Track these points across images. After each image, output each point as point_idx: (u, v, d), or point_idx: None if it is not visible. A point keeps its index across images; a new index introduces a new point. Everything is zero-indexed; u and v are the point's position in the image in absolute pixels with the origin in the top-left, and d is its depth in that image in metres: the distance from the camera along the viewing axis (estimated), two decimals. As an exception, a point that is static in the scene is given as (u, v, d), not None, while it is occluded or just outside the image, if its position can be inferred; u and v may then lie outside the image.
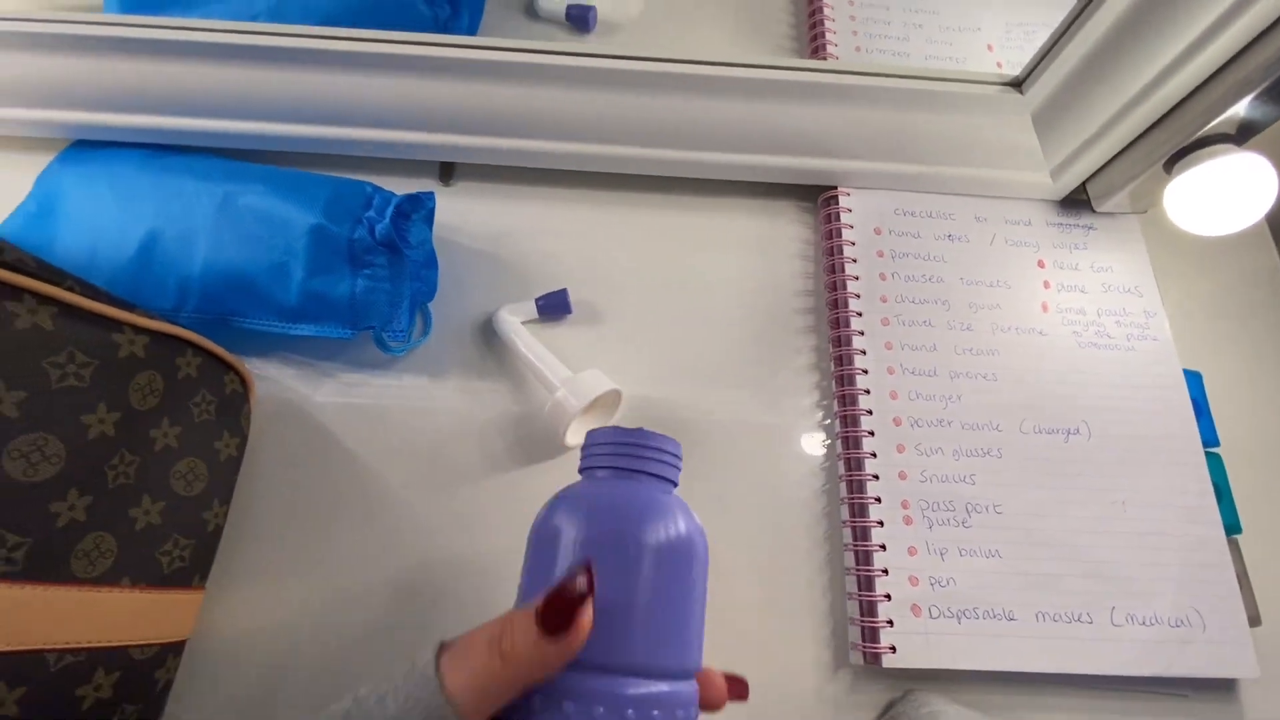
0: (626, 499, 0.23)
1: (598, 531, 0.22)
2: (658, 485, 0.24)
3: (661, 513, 0.23)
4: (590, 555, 0.21)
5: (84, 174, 0.40)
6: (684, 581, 0.22)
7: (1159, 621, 0.35)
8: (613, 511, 0.23)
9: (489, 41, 0.44)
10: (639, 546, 0.22)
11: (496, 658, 0.19)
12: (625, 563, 0.21)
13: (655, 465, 0.24)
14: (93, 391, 0.27)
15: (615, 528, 0.22)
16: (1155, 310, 0.43)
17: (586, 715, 0.19)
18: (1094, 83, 0.40)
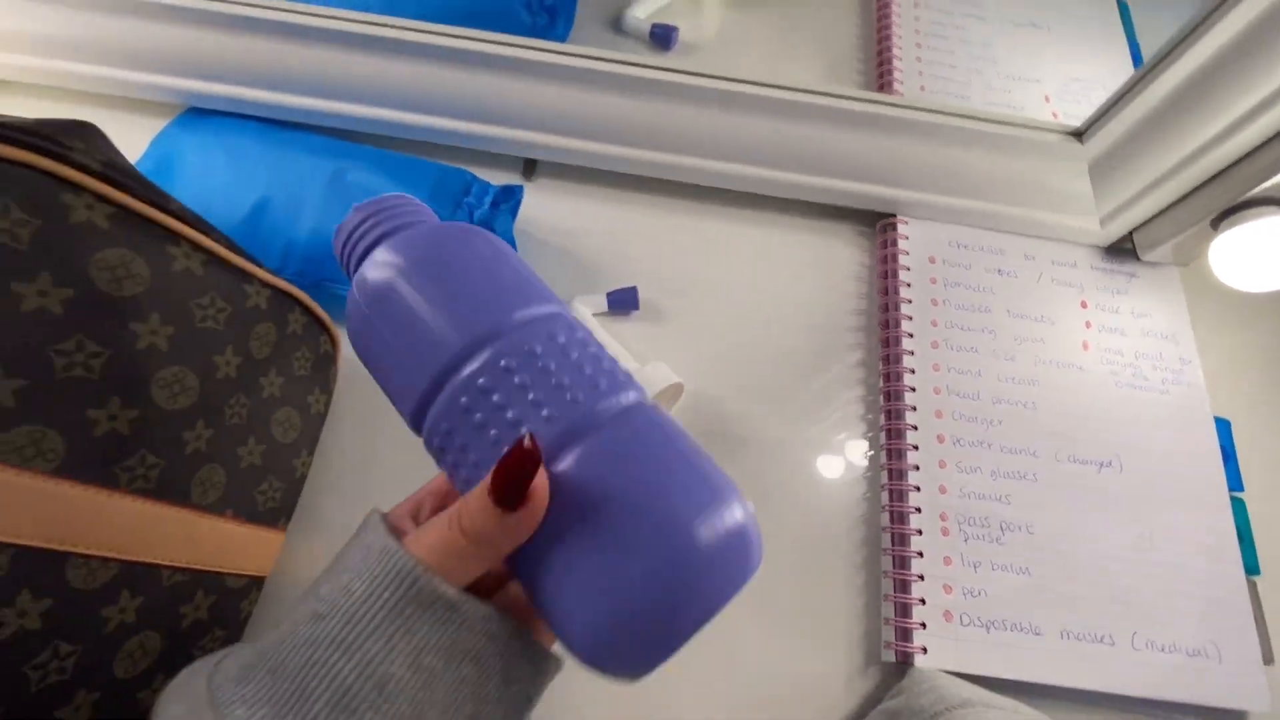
0: (404, 249, 0.22)
1: (402, 278, 0.21)
2: (416, 227, 0.23)
3: (430, 233, 0.23)
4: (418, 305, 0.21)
5: (201, 139, 0.43)
6: (467, 262, 0.22)
7: (1177, 650, 0.37)
8: (405, 253, 0.22)
9: (580, 50, 0.47)
10: (433, 261, 0.22)
11: (459, 534, 0.19)
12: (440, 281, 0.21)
13: (396, 218, 0.23)
14: (225, 335, 0.30)
15: (412, 260, 0.22)
16: (1190, 358, 0.45)
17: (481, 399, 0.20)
18: (1151, 139, 0.42)
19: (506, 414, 0.19)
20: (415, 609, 0.19)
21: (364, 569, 0.19)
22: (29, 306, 0.23)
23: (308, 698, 0.18)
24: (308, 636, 0.19)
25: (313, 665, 0.18)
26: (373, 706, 0.18)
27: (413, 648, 0.18)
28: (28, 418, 0.23)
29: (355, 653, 0.18)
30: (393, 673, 0.18)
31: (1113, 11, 0.59)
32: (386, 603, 0.18)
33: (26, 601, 0.23)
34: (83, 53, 0.45)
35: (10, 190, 0.23)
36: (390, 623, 0.18)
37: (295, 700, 0.18)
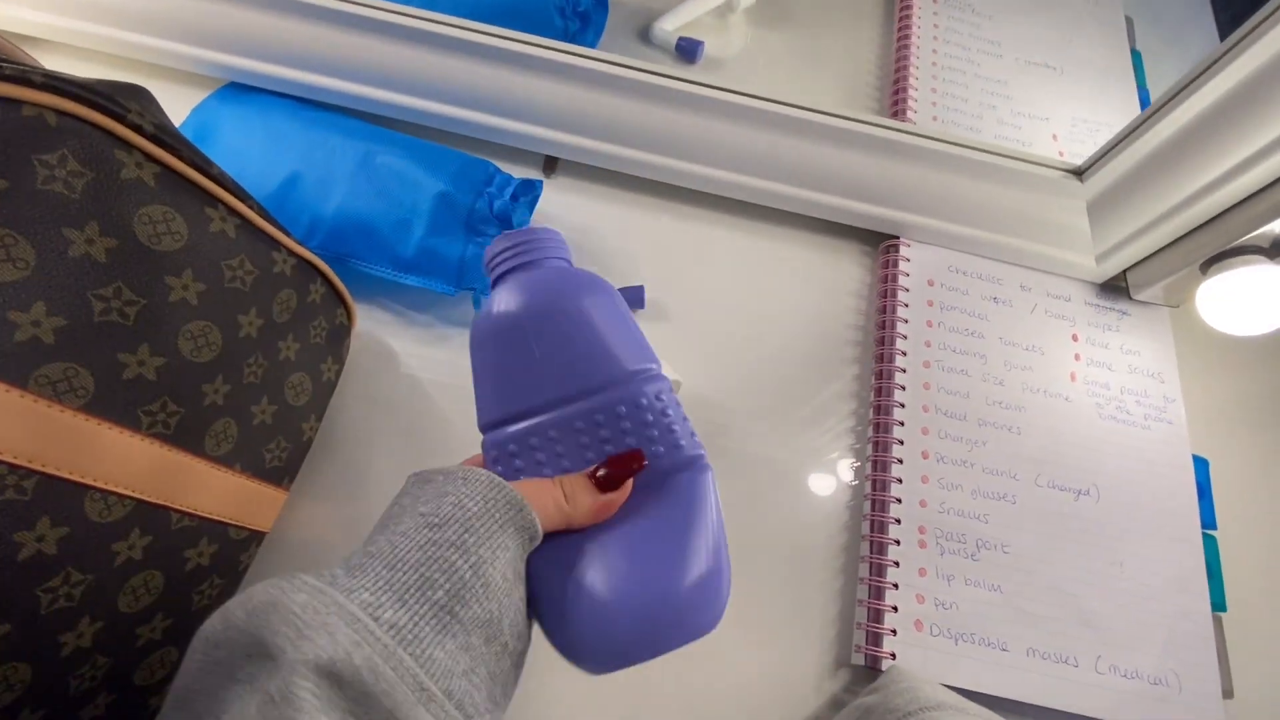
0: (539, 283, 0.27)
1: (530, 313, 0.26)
2: (553, 265, 0.28)
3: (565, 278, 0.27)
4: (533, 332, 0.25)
5: (239, 113, 0.45)
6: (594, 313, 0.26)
7: (1139, 676, 0.38)
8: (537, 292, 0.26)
9: (608, 56, 0.49)
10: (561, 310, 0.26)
11: (564, 516, 0.24)
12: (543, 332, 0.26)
13: (546, 249, 0.28)
14: (250, 297, 0.32)
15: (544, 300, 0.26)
16: (1174, 397, 0.46)
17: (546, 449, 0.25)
18: (1149, 183, 0.44)
19: (606, 446, 0.25)
20: (515, 530, 0.23)
21: (476, 493, 0.23)
22: (76, 252, 0.25)
23: (431, 586, 0.21)
24: (427, 539, 0.22)
25: (434, 561, 0.21)
26: (478, 600, 0.21)
27: (507, 561, 0.22)
28: (64, 354, 0.24)
29: (471, 554, 0.22)
30: (494, 576, 0.22)
31: (1125, 58, 0.60)
32: (497, 519, 0.23)
33: (45, 527, 0.25)
34: (134, 22, 0.47)
35: (69, 143, 0.24)
36: (498, 535, 0.22)
37: (418, 588, 0.21)
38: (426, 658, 0.20)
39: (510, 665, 0.23)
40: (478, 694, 0.21)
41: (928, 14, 0.60)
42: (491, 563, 0.22)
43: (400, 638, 0.20)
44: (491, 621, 0.22)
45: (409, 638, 0.20)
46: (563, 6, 0.50)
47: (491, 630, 0.22)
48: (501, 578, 0.22)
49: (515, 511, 0.23)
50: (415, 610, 0.20)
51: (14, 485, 0.23)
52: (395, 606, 0.20)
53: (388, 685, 0.19)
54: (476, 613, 0.21)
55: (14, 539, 0.24)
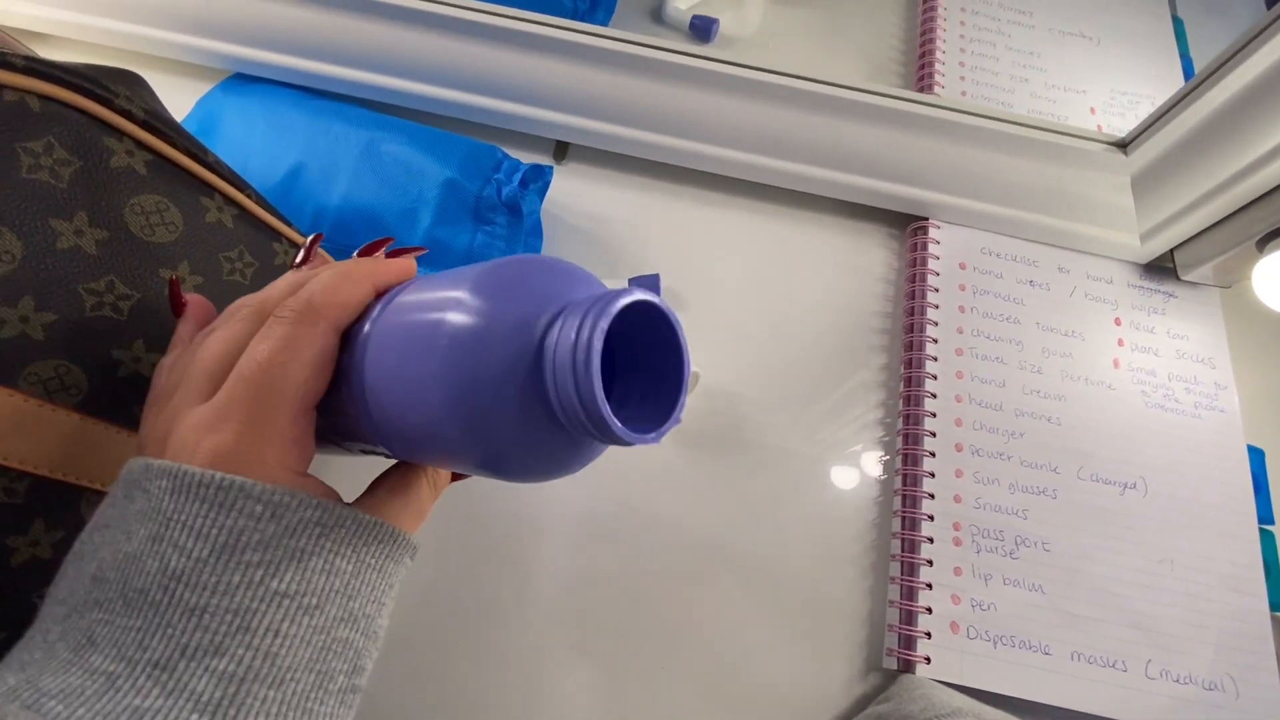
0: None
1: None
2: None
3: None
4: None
5: (242, 104, 0.44)
6: None
7: (1193, 681, 0.36)
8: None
9: (619, 34, 0.47)
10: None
11: (435, 492, 0.22)
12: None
13: None
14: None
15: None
16: (1227, 384, 0.43)
17: None
18: (1198, 154, 0.41)
19: None
20: (393, 565, 0.20)
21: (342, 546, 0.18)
22: (64, 244, 0.24)
23: (330, 678, 0.17)
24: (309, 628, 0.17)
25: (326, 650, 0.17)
26: (371, 658, 0.19)
27: (391, 599, 0.20)
28: (55, 352, 0.23)
29: (360, 621, 0.18)
30: (381, 625, 0.19)
31: (1166, 26, 0.57)
32: (374, 566, 0.19)
33: (40, 531, 0.24)
34: (135, 13, 0.46)
35: (55, 130, 0.23)
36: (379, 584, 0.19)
37: (317, 688, 0.17)
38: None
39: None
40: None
41: (955, -16, 0.57)
42: (379, 614, 0.19)
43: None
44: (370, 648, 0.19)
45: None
46: (572, -15, 0.49)
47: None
48: (388, 615, 0.19)
49: (389, 545, 0.19)
50: (320, 714, 0.17)
51: (5, 488, 0.23)
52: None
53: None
54: (369, 668, 0.19)
55: (7, 543, 0.23)
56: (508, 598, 0.37)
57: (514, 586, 0.37)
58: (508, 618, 0.36)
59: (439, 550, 0.37)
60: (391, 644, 0.31)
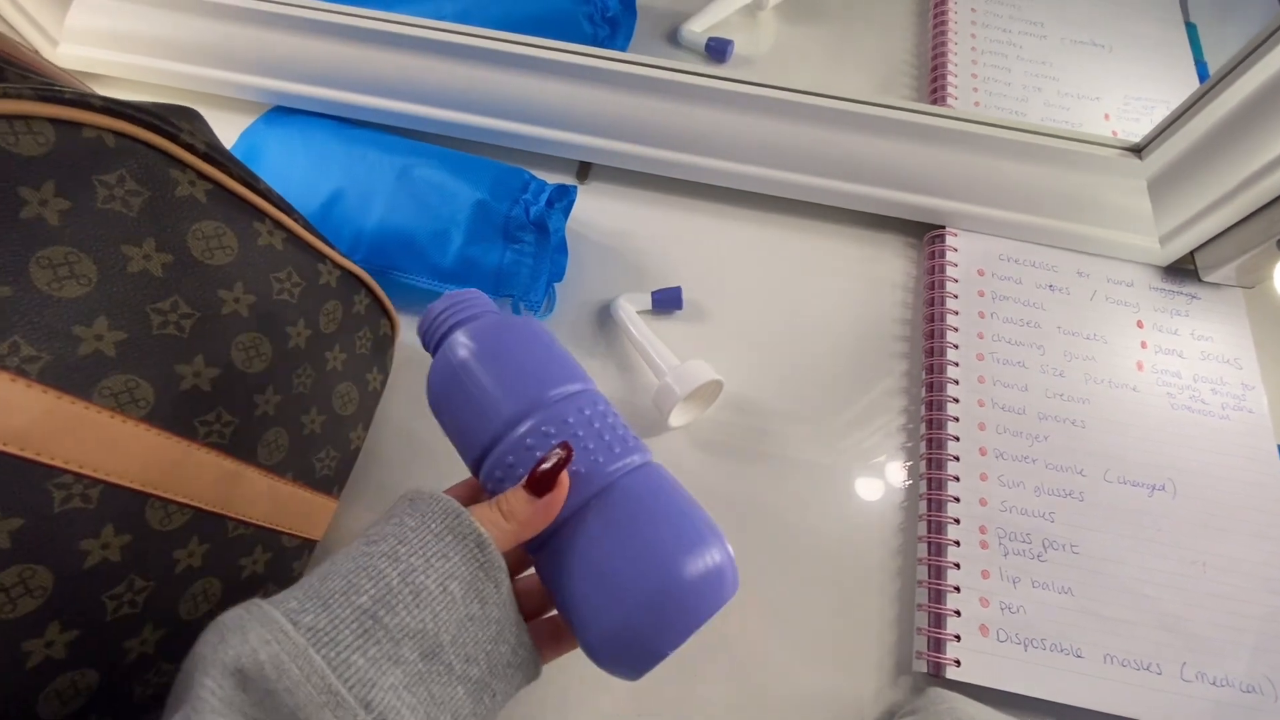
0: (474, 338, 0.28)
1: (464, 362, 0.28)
2: (483, 318, 0.30)
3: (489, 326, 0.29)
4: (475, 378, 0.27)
5: (283, 134, 0.47)
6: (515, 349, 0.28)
7: (1229, 684, 0.35)
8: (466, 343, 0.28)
9: (637, 58, 0.49)
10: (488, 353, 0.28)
11: (497, 511, 0.24)
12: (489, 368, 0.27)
13: (467, 310, 0.30)
14: (298, 308, 0.32)
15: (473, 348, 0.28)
16: (1254, 384, 0.43)
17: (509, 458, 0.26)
18: (1214, 156, 0.41)
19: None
20: (453, 539, 0.23)
21: (414, 509, 0.23)
22: (134, 268, 0.25)
23: (355, 591, 0.21)
24: (360, 552, 0.22)
25: (362, 570, 0.21)
26: (405, 608, 0.21)
27: (444, 571, 0.22)
28: (125, 367, 0.25)
29: (401, 563, 0.21)
30: (426, 585, 0.21)
31: (1179, 32, 0.58)
32: (432, 529, 0.23)
33: (110, 535, 0.25)
34: (183, 53, 0.49)
35: (127, 163, 0.25)
36: (432, 545, 0.22)
37: (343, 593, 0.21)
38: (342, 661, 0.19)
39: (465, 695, 0.22)
40: (410, 713, 0.20)
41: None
42: (424, 570, 0.22)
43: (315, 640, 0.19)
44: (424, 634, 0.21)
45: (325, 640, 0.19)
46: (591, 14, 0.51)
47: (427, 645, 0.21)
48: (438, 587, 0.22)
49: (452, 519, 0.23)
50: (336, 614, 0.20)
51: (80, 494, 0.24)
52: (316, 610, 0.20)
53: (290, 683, 0.18)
54: (405, 621, 0.21)
55: (80, 547, 0.24)
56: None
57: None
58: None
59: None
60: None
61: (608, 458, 0.26)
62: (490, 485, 0.27)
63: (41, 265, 0.23)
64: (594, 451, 0.25)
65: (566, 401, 0.27)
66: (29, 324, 0.22)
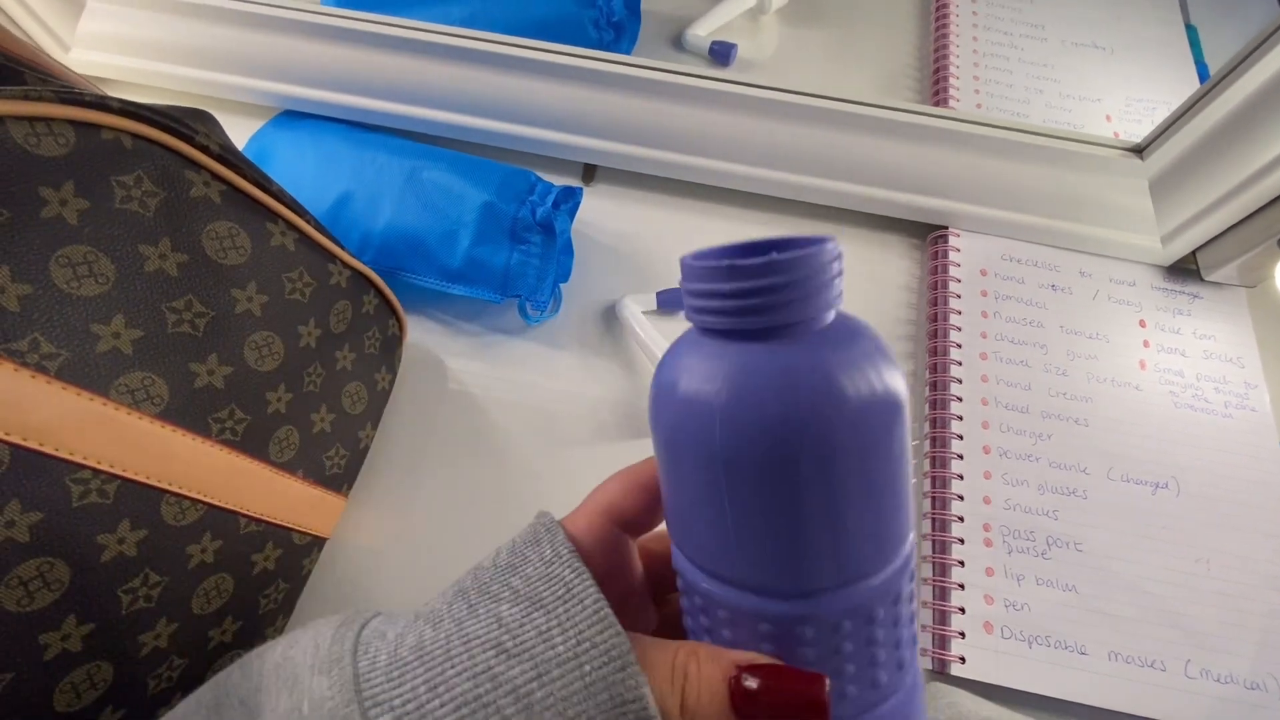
0: (782, 384, 0.16)
1: (755, 446, 0.15)
2: (818, 336, 0.16)
3: (834, 391, 0.15)
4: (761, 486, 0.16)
5: (293, 138, 0.47)
6: (875, 462, 0.16)
7: (1234, 681, 0.36)
8: (769, 411, 0.15)
9: (642, 61, 0.49)
10: (817, 456, 0.15)
11: (678, 707, 0.17)
12: (790, 478, 0.15)
13: (806, 303, 0.16)
14: (309, 308, 0.33)
15: (780, 436, 0.15)
16: (1257, 383, 0.43)
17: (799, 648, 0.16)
18: (1215, 156, 0.42)
19: (806, 653, 0.17)
20: (609, 700, 0.16)
21: (568, 621, 0.17)
22: (151, 268, 0.26)
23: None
24: (486, 668, 0.16)
25: (483, 706, 0.16)
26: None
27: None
28: (142, 364, 0.26)
29: (533, 713, 0.16)
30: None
31: (1180, 33, 0.58)
32: (585, 676, 0.16)
33: (126, 530, 0.26)
34: (194, 59, 0.50)
35: (144, 164, 0.26)
36: (579, 701, 0.16)
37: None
38: None
39: None
40: None
41: (965, 1, 0.59)
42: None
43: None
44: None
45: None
46: (596, 18, 0.51)
47: None
48: None
49: (616, 668, 0.16)
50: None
51: (98, 489, 0.25)
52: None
53: None
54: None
55: (98, 541, 0.25)
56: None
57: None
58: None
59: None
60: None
61: (891, 680, 0.17)
62: (697, 605, 0.18)
63: (61, 264, 0.23)
64: (885, 665, 0.17)
65: (894, 580, 0.17)
66: (48, 321, 0.23)
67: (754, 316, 0.16)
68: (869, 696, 0.17)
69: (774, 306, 0.16)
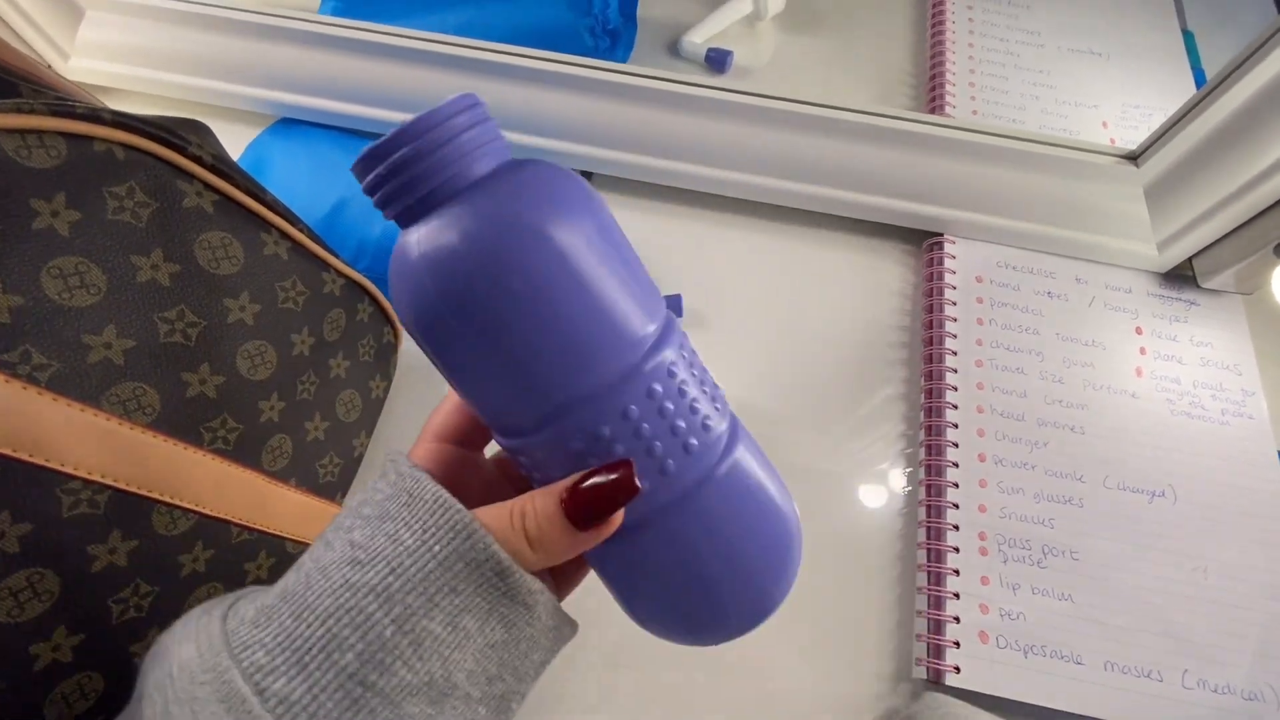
0: (443, 251, 0.17)
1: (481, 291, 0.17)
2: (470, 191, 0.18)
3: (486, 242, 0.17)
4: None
5: (289, 145, 0.47)
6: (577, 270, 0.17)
7: (1231, 691, 0.35)
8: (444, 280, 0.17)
9: (638, 69, 0.49)
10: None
11: (525, 543, 0.18)
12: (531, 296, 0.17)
13: (437, 170, 0.17)
14: (302, 316, 0.33)
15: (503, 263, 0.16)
16: (1254, 390, 0.43)
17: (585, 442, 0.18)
18: (1210, 163, 0.42)
19: (615, 449, 0.18)
20: (464, 567, 0.18)
21: (413, 518, 0.18)
22: (143, 278, 0.26)
23: (338, 646, 0.16)
24: (343, 581, 0.17)
25: (346, 612, 0.17)
26: (406, 664, 0.17)
27: (455, 607, 0.18)
28: (133, 374, 0.26)
29: (396, 605, 0.17)
30: (431, 629, 0.17)
31: (1176, 39, 0.58)
32: (436, 555, 0.17)
33: (117, 540, 0.26)
34: (191, 66, 0.50)
35: (137, 175, 0.26)
36: (437, 577, 0.17)
37: (323, 648, 0.16)
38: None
39: (489, 712, 0.19)
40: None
41: (961, 8, 0.59)
42: (426, 613, 0.17)
43: (290, 715, 0.16)
44: (433, 684, 0.17)
45: (302, 715, 0.16)
46: (592, 25, 0.52)
47: (437, 691, 0.17)
48: (446, 629, 0.17)
49: (461, 540, 0.18)
50: (315, 678, 0.16)
51: (88, 500, 0.25)
52: (291, 673, 0.16)
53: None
54: (405, 679, 0.17)
55: (88, 551, 0.25)
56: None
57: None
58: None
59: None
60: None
61: (700, 444, 0.19)
62: (515, 455, 0.20)
63: (52, 275, 0.23)
64: (684, 434, 0.18)
65: (657, 363, 0.18)
66: (40, 332, 0.23)
67: (399, 199, 0.18)
68: (690, 462, 0.19)
69: (406, 184, 0.17)
